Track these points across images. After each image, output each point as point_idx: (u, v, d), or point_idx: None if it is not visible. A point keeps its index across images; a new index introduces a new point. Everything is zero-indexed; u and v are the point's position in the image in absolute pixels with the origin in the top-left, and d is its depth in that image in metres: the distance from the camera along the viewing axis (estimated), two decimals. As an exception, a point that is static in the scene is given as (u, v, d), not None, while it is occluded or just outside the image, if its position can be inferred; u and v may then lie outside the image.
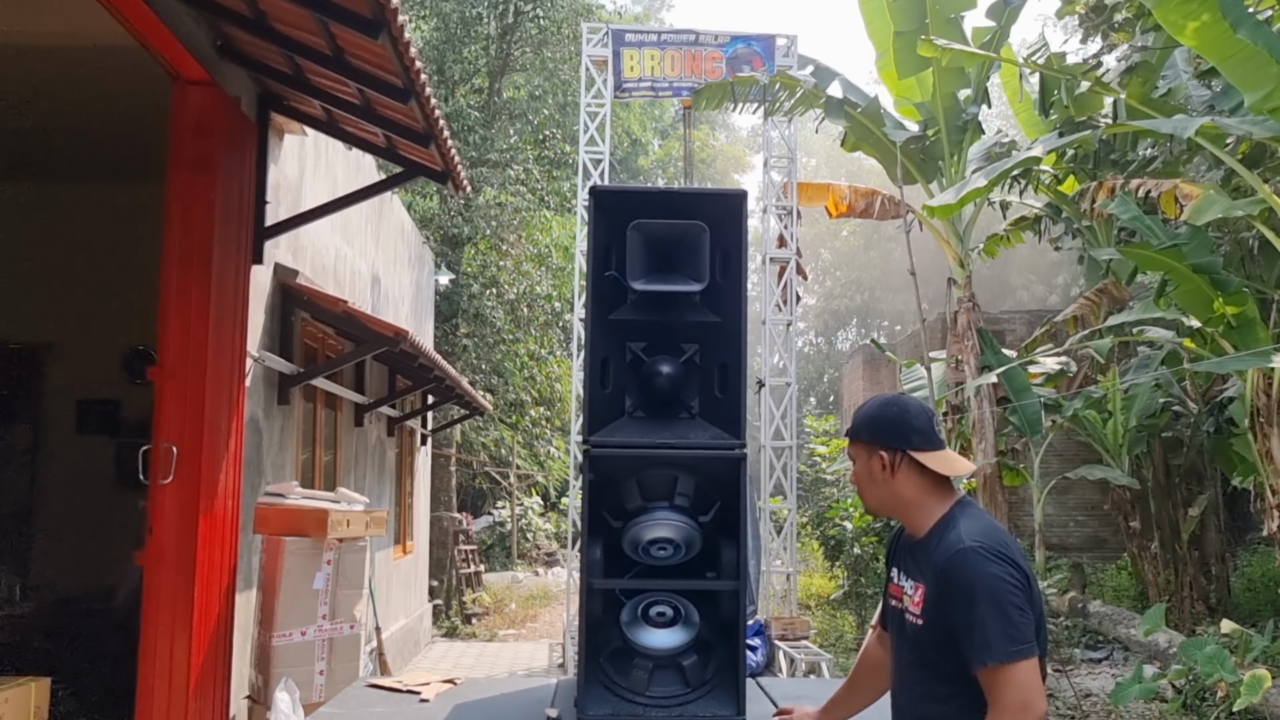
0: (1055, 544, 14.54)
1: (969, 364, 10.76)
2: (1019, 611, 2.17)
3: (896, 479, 2.41)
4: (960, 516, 2.35)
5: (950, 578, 2.24)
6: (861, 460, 2.47)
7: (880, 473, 2.42)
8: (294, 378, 6.12)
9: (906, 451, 2.39)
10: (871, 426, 2.46)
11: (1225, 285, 7.89)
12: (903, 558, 2.50)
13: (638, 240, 3.12)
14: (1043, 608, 2.33)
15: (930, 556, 2.33)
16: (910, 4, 10.17)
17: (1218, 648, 6.74)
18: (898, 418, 2.43)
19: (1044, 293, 30.07)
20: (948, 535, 2.31)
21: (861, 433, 2.47)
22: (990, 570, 2.20)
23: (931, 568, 2.31)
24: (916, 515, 2.41)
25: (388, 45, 3.95)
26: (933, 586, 2.30)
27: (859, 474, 2.50)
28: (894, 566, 2.56)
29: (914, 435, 2.40)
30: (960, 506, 2.39)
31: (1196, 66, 9.42)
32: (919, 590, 2.36)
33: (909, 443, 2.39)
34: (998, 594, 2.18)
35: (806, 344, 41.17)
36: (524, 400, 17.71)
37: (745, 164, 38.64)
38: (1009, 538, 2.35)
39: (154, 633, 4.41)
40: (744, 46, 11.77)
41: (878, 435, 2.43)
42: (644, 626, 3.16)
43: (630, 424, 3.21)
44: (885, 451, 2.41)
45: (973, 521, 2.33)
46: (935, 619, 2.29)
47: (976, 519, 2.35)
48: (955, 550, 2.25)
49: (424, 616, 12.31)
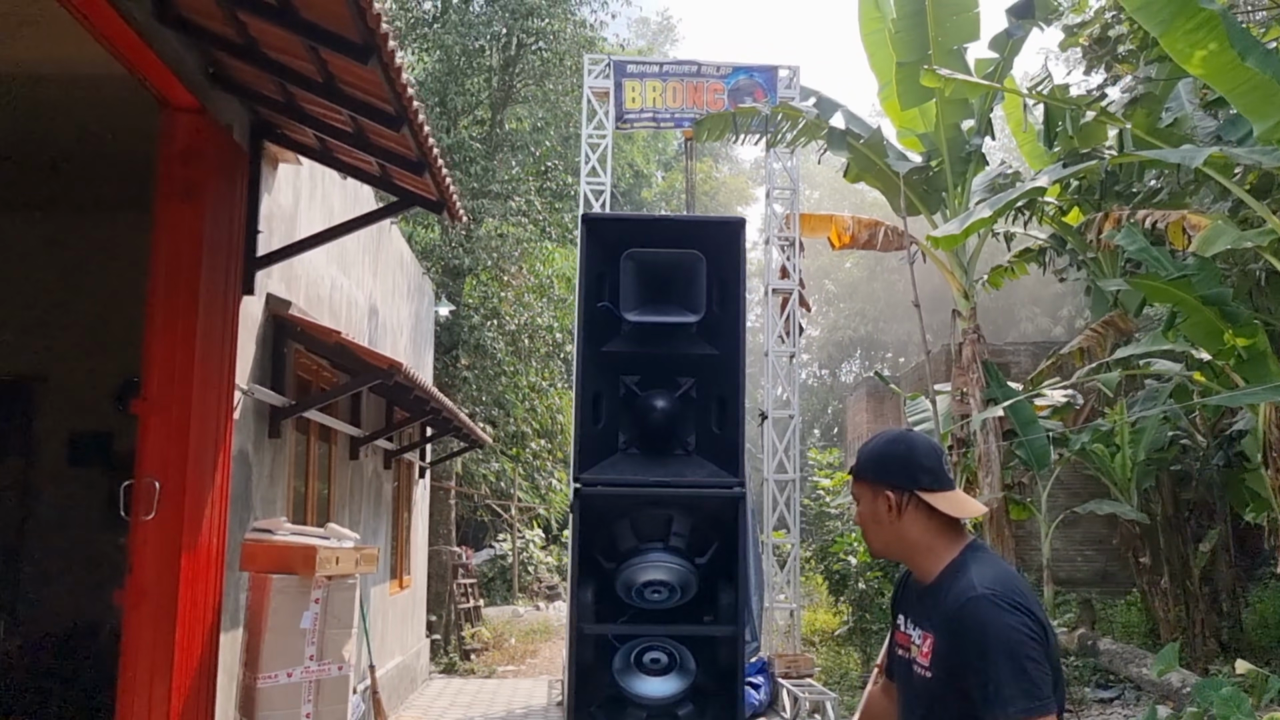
0: (1063, 579, 14.34)
1: (974, 397, 10.62)
2: (1035, 665, 2.02)
3: (904, 521, 2.27)
4: (971, 561, 2.21)
5: (961, 628, 2.10)
6: (866, 500, 2.34)
7: (886, 514, 2.28)
8: (286, 410, 6.00)
9: (915, 492, 2.26)
10: (878, 465, 2.32)
11: (1235, 317, 7.77)
12: (910, 605, 2.36)
13: (631, 270, 3.00)
14: (1060, 658, 2.19)
15: (940, 605, 2.19)
16: (913, 35, 10.14)
17: (1234, 689, 6.55)
18: (905, 456, 2.30)
19: (1049, 325, 29.96)
20: (958, 582, 2.17)
21: (867, 472, 2.34)
22: (1004, 620, 2.05)
23: (941, 617, 2.17)
24: (925, 559, 2.27)
25: (378, 71, 3.87)
26: (943, 637, 2.16)
27: (864, 515, 2.36)
28: (901, 614, 2.41)
29: (923, 475, 2.27)
30: (971, 551, 2.25)
31: (1203, 97, 9.35)
32: (927, 640, 2.22)
33: (917, 483, 2.26)
34: (1012, 646, 2.03)
35: (810, 376, 41.06)
36: (525, 432, 17.57)
37: (749, 196, 38.71)
38: (1024, 584, 2.20)
39: (133, 675, 4.26)
40: (746, 78, 11.74)
41: (884, 475, 2.30)
42: (637, 674, 3.00)
43: (623, 461, 3.08)
44: (892, 492, 2.27)
45: (985, 567, 2.19)
46: (945, 672, 2.14)
47: (989, 564, 2.21)
48: (966, 599, 2.11)
49: (421, 653, 12.10)
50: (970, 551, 2.25)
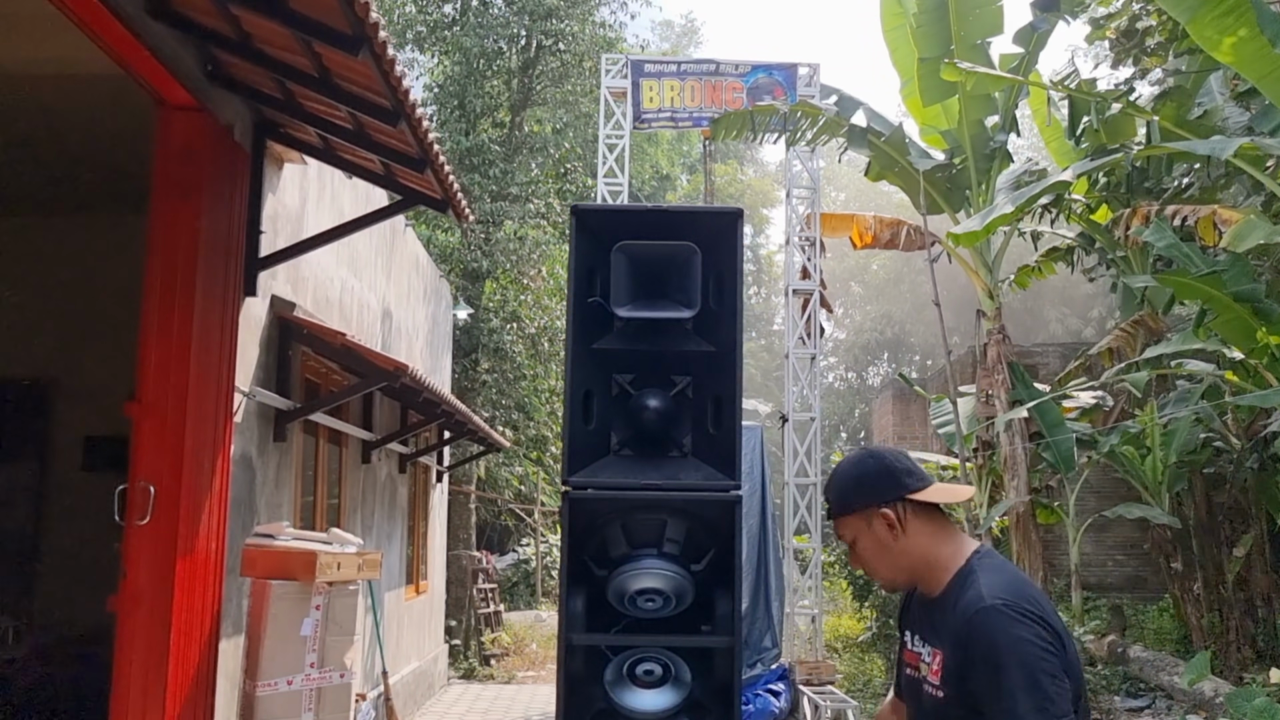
0: (1093, 584, 14.04)
1: (999, 398, 10.40)
2: (1052, 679, 1.87)
3: (909, 534, 2.13)
4: (979, 569, 2.06)
5: (972, 642, 1.95)
6: (863, 533, 2.18)
7: (889, 535, 2.14)
8: (291, 414, 5.91)
9: (907, 498, 2.12)
10: (860, 490, 2.18)
11: (1269, 315, 7.52)
12: (917, 620, 2.21)
13: (623, 263, 2.86)
14: (1081, 670, 2.02)
15: (948, 618, 2.04)
16: (935, 30, 9.95)
17: (1268, 700, 6.35)
18: (880, 468, 2.17)
19: (1079, 326, 29.51)
20: (966, 592, 2.02)
21: (852, 502, 2.19)
22: (1017, 632, 1.90)
23: (950, 631, 2.02)
24: (934, 571, 2.13)
25: (370, 63, 3.77)
26: (952, 652, 2.01)
27: (866, 550, 2.20)
28: (907, 630, 2.26)
29: (906, 477, 2.14)
30: (979, 557, 2.10)
31: (1234, 88, 9.10)
32: (937, 657, 2.07)
33: (906, 487, 2.13)
34: (1027, 660, 1.88)
35: (837, 379, 40.75)
36: (547, 436, 17.47)
37: (773, 198, 38.45)
38: (1037, 592, 2.04)
39: (126, 683, 4.19)
40: (765, 76, 11.58)
41: (872, 494, 2.16)
42: (630, 687, 2.86)
43: (616, 463, 2.94)
44: (887, 508, 2.13)
45: (994, 575, 2.03)
46: (957, 689, 1.99)
47: (998, 571, 2.05)
48: (976, 610, 1.96)
49: (439, 658, 12.02)
50: (978, 558, 2.10)
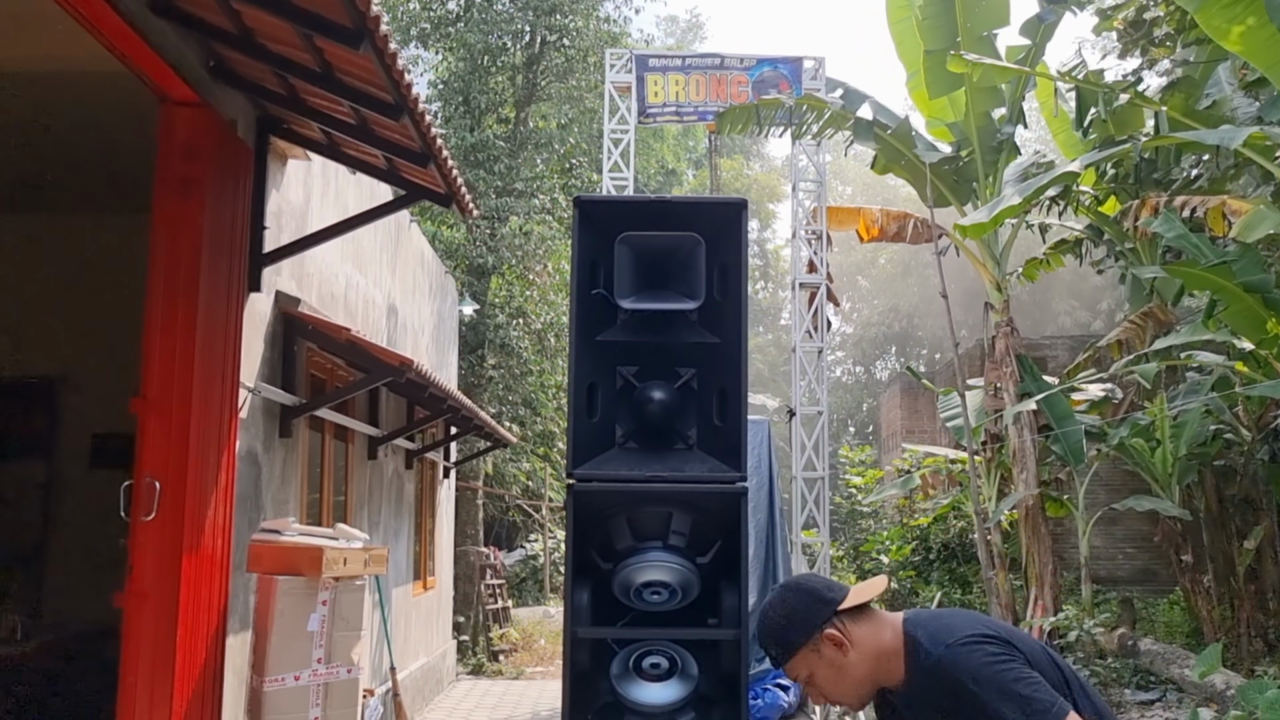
0: (1103, 577, 14.00)
1: (1008, 391, 10.35)
2: (1023, 682, 1.99)
3: (857, 646, 2.21)
4: (916, 633, 2.18)
5: (945, 692, 2.07)
6: (816, 665, 2.25)
7: (840, 653, 2.22)
8: (296, 409, 5.91)
9: (840, 614, 2.23)
10: (795, 625, 2.25)
11: (1279, 305, 7.47)
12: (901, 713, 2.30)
13: (626, 254, 2.85)
14: (1047, 655, 2.14)
15: (919, 692, 2.15)
16: (941, 22, 9.90)
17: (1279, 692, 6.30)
18: (806, 598, 2.27)
19: (1088, 318, 29.40)
20: (917, 659, 2.14)
21: (794, 639, 2.25)
22: (970, 662, 2.03)
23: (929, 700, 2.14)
24: (891, 661, 2.21)
25: (372, 57, 3.75)
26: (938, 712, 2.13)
27: (825, 680, 2.26)
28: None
29: (828, 593, 2.27)
30: (910, 625, 2.22)
31: (1242, 78, 9.03)
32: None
33: (833, 602, 2.24)
34: (992, 679, 2.00)
35: (845, 373, 40.66)
36: (554, 431, 17.47)
37: (779, 193, 38.37)
38: (966, 616, 2.21)
39: (133, 679, 4.19)
40: (770, 70, 11.55)
41: (809, 624, 2.23)
42: (636, 680, 2.85)
43: (620, 456, 2.93)
44: (829, 630, 2.22)
45: (927, 628, 2.17)
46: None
47: (929, 623, 2.20)
48: (930, 665, 2.09)
49: (447, 654, 12.03)
50: (910, 626, 2.22)
